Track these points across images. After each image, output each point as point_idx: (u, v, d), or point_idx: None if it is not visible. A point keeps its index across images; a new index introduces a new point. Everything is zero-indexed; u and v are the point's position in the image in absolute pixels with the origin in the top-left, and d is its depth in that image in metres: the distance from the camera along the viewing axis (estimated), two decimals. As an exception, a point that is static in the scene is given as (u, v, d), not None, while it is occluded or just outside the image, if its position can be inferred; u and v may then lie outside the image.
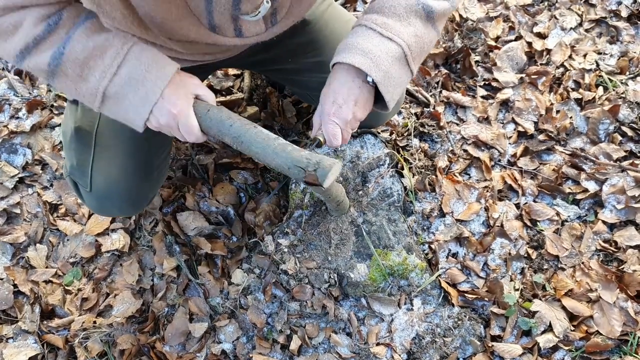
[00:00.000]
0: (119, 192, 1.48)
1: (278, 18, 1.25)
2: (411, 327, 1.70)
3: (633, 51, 2.15)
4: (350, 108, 1.20)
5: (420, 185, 1.91)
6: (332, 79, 1.22)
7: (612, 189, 1.86)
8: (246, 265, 1.82)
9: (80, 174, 1.49)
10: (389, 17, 1.17)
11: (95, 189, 1.47)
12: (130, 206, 1.56)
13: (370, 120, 1.40)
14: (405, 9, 1.18)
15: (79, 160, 1.48)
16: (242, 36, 1.23)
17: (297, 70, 1.60)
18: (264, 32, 1.26)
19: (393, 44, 1.17)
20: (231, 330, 1.75)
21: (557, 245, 1.81)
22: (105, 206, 1.54)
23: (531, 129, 2.01)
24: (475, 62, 2.16)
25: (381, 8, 1.19)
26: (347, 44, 1.19)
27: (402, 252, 1.73)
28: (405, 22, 1.17)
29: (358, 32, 1.19)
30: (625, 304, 1.67)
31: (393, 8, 1.17)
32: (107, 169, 1.43)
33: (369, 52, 1.15)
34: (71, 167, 1.51)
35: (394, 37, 1.17)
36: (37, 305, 1.84)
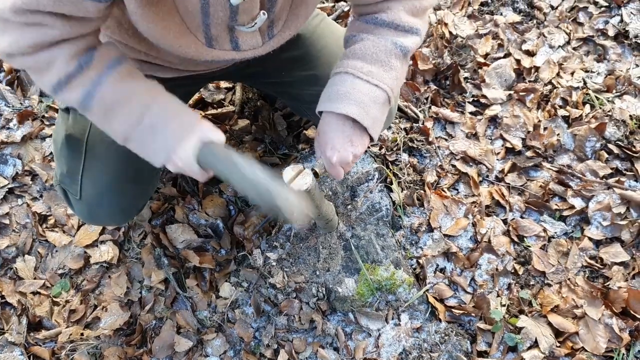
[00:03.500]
0: (109, 200, 1.47)
1: (275, 31, 1.27)
2: (398, 342, 1.70)
3: (620, 70, 2.18)
4: (348, 150, 1.27)
5: (409, 200, 1.92)
6: (325, 127, 1.29)
7: (598, 205, 1.88)
8: (234, 279, 1.82)
9: (70, 182, 1.48)
10: (372, 64, 1.25)
11: (85, 196, 1.47)
12: (120, 214, 1.55)
13: None
14: (386, 54, 1.25)
15: (69, 168, 1.48)
16: (239, 49, 1.26)
17: (290, 84, 1.62)
18: (261, 46, 1.28)
19: (379, 91, 1.25)
20: (218, 344, 1.75)
21: (544, 262, 1.82)
22: (95, 214, 1.52)
23: (519, 146, 2.03)
24: (464, 78, 2.18)
25: (364, 55, 1.26)
26: (337, 93, 1.26)
27: (390, 267, 1.75)
28: (387, 67, 1.26)
29: (346, 81, 1.26)
30: (611, 320, 1.69)
31: (375, 55, 1.25)
32: (97, 176, 1.43)
33: (360, 101, 1.23)
34: (61, 175, 1.50)
35: (380, 84, 1.25)
36: (24, 317, 1.83)
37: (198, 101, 2.16)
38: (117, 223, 1.71)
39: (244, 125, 2.10)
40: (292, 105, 1.88)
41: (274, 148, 2.06)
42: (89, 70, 1.13)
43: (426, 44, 2.27)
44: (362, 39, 1.28)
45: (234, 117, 2.12)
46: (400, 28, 1.27)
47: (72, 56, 1.11)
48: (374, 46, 1.26)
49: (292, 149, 2.06)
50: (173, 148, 1.16)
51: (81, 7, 1.02)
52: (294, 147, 2.07)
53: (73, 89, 1.14)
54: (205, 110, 2.14)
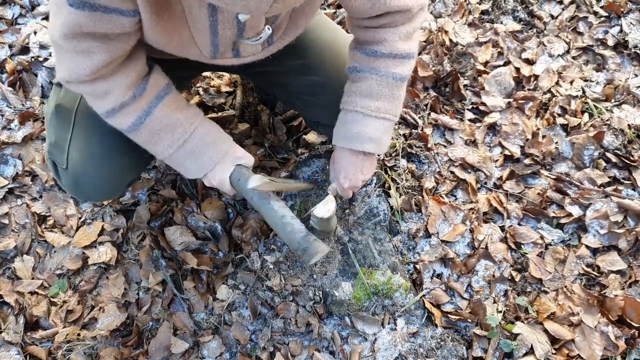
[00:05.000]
0: (94, 170, 1.48)
1: (274, 39, 1.34)
2: (394, 346, 1.70)
3: (618, 79, 2.19)
4: (359, 178, 1.55)
5: (407, 205, 1.93)
6: (341, 159, 1.54)
7: (596, 214, 1.89)
8: (231, 281, 1.83)
9: (57, 151, 1.49)
10: (379, 100, 1.43)
11: (72, 165, 1.48)
12: (105, 186, 1.55)
13: None
14: (389, 88, 1.43)
15: (58, 138, 1.49)
16: (240, 56, 1.36)
17: (281, 73, 1.64)
18: (260, 52, 1.37)
19: (388, 122, 1.47)
20: (215, 346, 1.75)
21: (541, 269, 1.83)
22: (80, 184, 1.52)
23: (517, 153, 2.04)
24: (464, 85, 2.19)
25: (370, 93, 1.43)
26: (352, 132, 1.46)
27: (387, 272, 1.75)
28: (391, 99, 1.44)
29: (359, 120, 1.45)
30: (607, 328, 1.69)
31: (380, 92, 1.42)
32: (84, 146, 1.43)
33: (374, 138, 1.46)
34: (49, 145, 1.52)
35: (387, 116, 1.45)
36: (22, 317, 1.83)
37: (199, 104, 2.17)
38: (102, 196, 1.67)
39: (244, 129, 2.11)
40: (283, 97, 1.89)
41: (273, 152, 2.07)
42: (141, 99, 1.29)
43: (426, 51, 2.28)
44: (366, 77, 1.43)
45: (234, 121, 2.13)
46: (398, 57, 1.41)
47: (128, 87, 1.26)
48: (378, 85, 1.42)
49: (291, 153, 2.07)
50: (210, 169, 1.42)
51: (117, 23, 1.12)
52: (294, 152, 2.07)
53: (125, 116, 1.31)
54: (206, 114, 2.15)
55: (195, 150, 1.39)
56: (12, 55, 2.32)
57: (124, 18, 1.11)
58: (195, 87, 2.21)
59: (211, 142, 1.40)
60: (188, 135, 1.36)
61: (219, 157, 1.41)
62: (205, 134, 1.40)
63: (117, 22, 1.11)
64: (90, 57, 1.17)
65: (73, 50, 1.16)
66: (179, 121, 1.35)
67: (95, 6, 1.06)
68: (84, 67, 1.19)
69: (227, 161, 1.43)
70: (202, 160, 1.41)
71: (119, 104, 1.28)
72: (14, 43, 2.35)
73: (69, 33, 1.12)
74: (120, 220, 1.97)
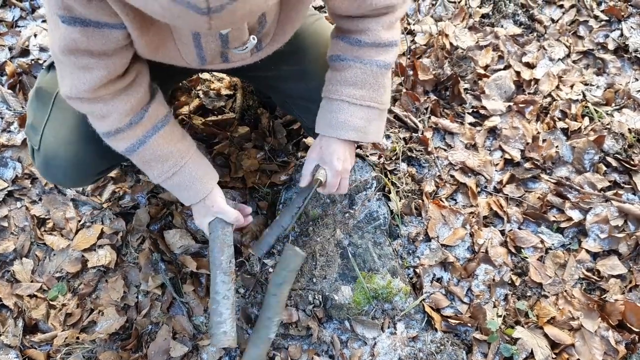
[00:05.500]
0: (64, 154, 1.47)
1: (263, 45, 1.35)
2: (394, 351, 1.70)
3: (619, 83, 2.19)
4: (349, 161, 1.52)
5: (407, 209, 1.92)
6: (328, 147, 1.48)
7: (596, 218, 1.88)
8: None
9: (33, 133, 1.50)
10: (363, 88, 1.41)
11: (43, 147, 1.48)
12: (75, 172, 1.54)
13: None
14: (374, 77, 1.41)
15: (35, 119, 1.50)
16: (229, 62, 1.37)
17: (278, 77, 1.64)
18: (250, 57, 1.38)
19: (374, 110, 1.44)
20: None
21: (541, 273, 1.82)
22: (50, 167, 1.52)
23: (518, 157, 2.04)
24: (464, 89, 2.19)
25: (355, 82, 1.41)
26: (337, 121, 1.43)
27: (386, 276, 1.75)
28: (376, 87, 1.42)
29: (343, 108, 1.43)
30: (607, 333, 1.69)
31: (364, 80, 1.41)
32: (57, 128, 1.43)
33: (358, 127, 1.43)
34: (27, 126, 1.53)
35: (372, 104, 1.43)
36: (21, 320, 1.83)
37: (199, 107, 2.17)
38: (71, 182, 1.66)
39: (244, 133, 2.11)
40: (279, 101, 1.89)
41: (273, 155, 2.07)
42: (137, 127, 1.33)
43: (427, 55, 2.28)
44: (350, 66, 1.41)
45: (234, 124, 2.13)
46: (382, 45, 1.39)
47: (127, 114, 1.29)
48: (362, 73, 1.40)
49: (291, 156, 2.07)
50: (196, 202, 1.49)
51: (111, 37, 1.12)
52: (294, 155, 2.07)
53: (120, 140, 1.34)
54: (206, 117, 2.15)
55: (182, 184, 1.45)
56: (12, 57, 2.32)
57: (116, 31, 1.11)
58: (196, 90, 2.20)
59: (200, 176, 1.46)
60: (177, 169, 1.42)
61: (204, 194, 1.48)
62: (195, 169, 1.45)
63: (110, 36, 1.12)
64: (90, 72, 1.19)
65: (73, 66, 1.18)
66: (171, 154, 1.40)
67: (86, 22, 1.07)
68: (83, 81, 1.20)
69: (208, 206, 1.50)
70: (189, 194, 1.48)
71: (114, 129, 1.31)
72: (14, 45, 2.35)
73: (66, 49, 1.14)
74: (120, 224, 1.97)
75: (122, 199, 2.01)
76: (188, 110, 2.15)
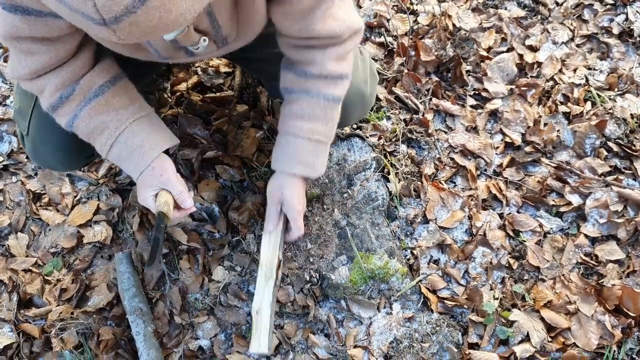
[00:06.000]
0: (53, 138, 1.47)
1: (228, 41, 1.32)
2: (389, 331, 1.70)
3: (623, 68, 2.17)
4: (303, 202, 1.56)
5: (406, 190, 1.91)
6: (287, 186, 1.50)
7: (596, 203, 1.87)
8: (227, 263, 1.82)
9: (21, 118, 1.51)
10: (311, 121, 1.41)
11: (32, 132, 1.49)
12: (65, 156, 1.55)
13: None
14: (323, 109, 1.41)
15: (22, 104, 1.50)
16: (195, 55, 1.33)
17: (263, 60, 1.62)
18: (217, 50, 1.35)
19: (321, 145, 1.46)
20: (209, 327, 1.75)
21: (539, 257, 1.81)
22: (39, 151, 1.53)
23: (518, 140, 2.02)
24: (466, 71, 2.17)
25: (303, 115, 1.41)
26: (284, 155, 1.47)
27: (383, 256, 1.74)
28: (325, 121, 1.43)
29: (290, 142, 1.44)
30: (603, 317, 1.68)
31: (312, 113, 1.40)
32: (45, 113, 1.40)
33: (305, 162, 1.45)
34: (14, 112, 1.54)
35: (321, 139, 1.44)
36: (15, 294, 1.82)
37: (197, 84, 2.14)
38: (62, 165, 1.66)
39: (243, 111, 2.08)
40: (266, 83, 1.88)
41: (272, 134, 2.05)
42: (69, 102, 1.29)
43: (429, 36, 2.25)
44: (298, 99, 1.41)
45: (232, 102, 2.11)
46: (330, 77, 1.38)
47: (57, 88, 1.26)
48: (309, 106, 1.40)
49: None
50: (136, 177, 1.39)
51: (54, 26, 1.11)
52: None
53: (59, 116, 1.32)
54: (204, 94, 2.13)
55: (121, 155, 1.36)
56: (8, 30, 2.29)
57: (59, 21, 1.09)
58: (194, 67, 2.18)
59: (138, 145, 1.35)
60: (114, 140, 1.34)
61: (144, 165, 1.36)
62: (132, 136, 1.35)
63: (53, 25, 1.10)
64: (32, 57, 1.18)
65: (16, 49, 1.18)
66: (105, 125, 1.33)
67: (28, 10, 1.06)
68: (26, 65, 1.20)
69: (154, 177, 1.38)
70: (130, 166, 1.39)
71: (49, 105, 1.29)
72: (11, 18, 2.32)
73: (8, 35, 1.13)
74: (116, 200, 1.96)
75: (118, 175, 2.00)
76: (186, 87, 2.12)
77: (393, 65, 2.17)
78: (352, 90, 1.53)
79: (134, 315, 1.72)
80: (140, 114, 1.37)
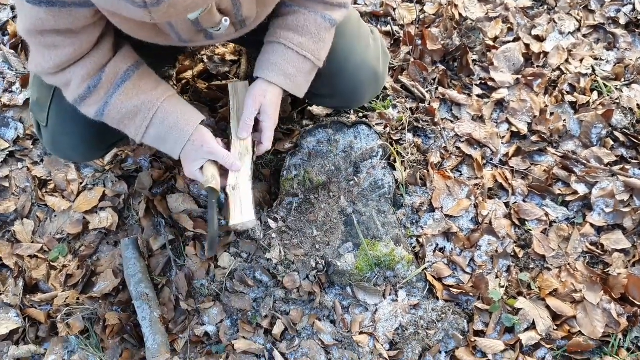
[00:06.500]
0: (72, 129, 1.48)
1: (247, 23, 1.33)
2: (395, 317, 1.70)
3: (629, 58, 2.16)
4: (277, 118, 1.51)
5: (412, 179, 1.91)
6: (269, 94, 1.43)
7: (602, 192, 1.87)
8: (233, 249, 1.82)
9: (39, 109, 1.50)
10: (303, 36, 1.39)
11: (51, 124, 1.49)
12: (83, 147, 1.55)
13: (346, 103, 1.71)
14: (316, 27, 1.39)
15: (40, 95, 1.50)
16: (213, 39, 1.35)
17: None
18: (235, 33, 1.36)
19: (308, 62, 1.41)
20: (215, 312, 1.75)
21: (544, 246, 1.81)
22: (58, 143, 1.53)
23: (524, 130, 2.02)
24: (473, 61, 2.16)
25: (296, 27, 1.39)
26: (269, 62, 1.41)
27: (390, 244, 1.74)
28: (316, 39, 1.40)
29: (277, 51, 1.40)
30: (609, 305, 1.68)
31: (306, 27, 1.38)
32: (65, 104, 1.40)
33: (288, 73, 1.41)
34: (32, 103, 1.53)
35: (308, 55, 1.40)
36: (21, 279, 1.82)
37: (203, 72, 2.14)
38: (81, 157, 1.68)
39: (249, 99, 2.08)
40: None
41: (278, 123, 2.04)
42: (97, 91, 1.29)
43: (436, 25, 2.25)
44: (294, 11, 1.39)
45: (238, 90, 2.10)
46: (329, 3, 1.39)
47: (83, 79, 1.26)
48: (305, 20, 1.38)
49: (296, 124, 2.04)
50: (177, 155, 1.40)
51: (79, 16, 1.11)
52: (298, 123, 2.05)
53: (87, 107, 1.32)
54: (210, 81, 2.13)
55: (159, 136, 1.37)
56: (14, 17, 2.29)
57: (83, 10, 1.10)
58: (200, 55, 2.17)
59: (174, 123, 1.36)
60: (149, 122, 1.34)
61: (184, 140, 1.37)
62: (166, 116, 1.36)
63: (77, 14, 1.11)
64: (56, 50, 1.19)
65: (39, 45, 1.18)
66: (138, 108, 1.33)
67: (52, 1, 1.06)
68: (50, 59, 1.21)
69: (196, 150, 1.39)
70: (170, 145, 1.39)
71: (78, 96, 1.29)
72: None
73: (32, 29, 1.14)
74: (122, 187, 1.96)
75: (124, 162, 2.00)
76: (192, 75, 2.12)
77: (399, 54, 2.17)
78: (366, 68, 1.56)
79: (140, 301, 1.72)
80: (169, 93, 1.39)
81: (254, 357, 1.68)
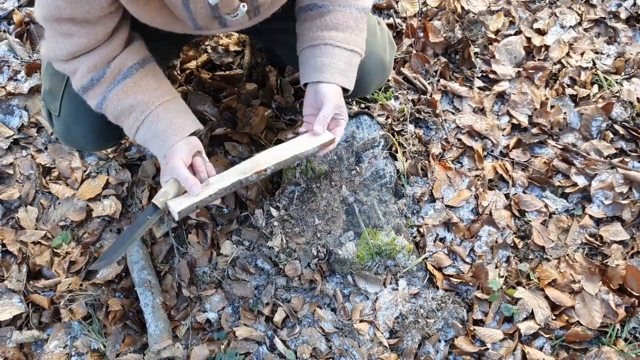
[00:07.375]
0: (84, 118, 1.48)
1: (261, 10, 1.34)
2: (395, 306, 1.72)
3: (630, 52, 2.18)
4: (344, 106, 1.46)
5: (413, 169, 1.92)
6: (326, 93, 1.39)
7: (601, 184, 1.88)
8: (235, 237, 1.83)
9: (51, 99, 1.51)
10: (345, 31, 1.40)
11: (64, 113, 1.50)
12: (95, 135, 1.55)
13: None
14: (354, 20, 1.41)
15: (53, 85, 1.51)
16: (227, 26, 1.35)
17: (286, 31, 1.61)
18: (248, 21, 1.36)
19: (355, 55, 1.43)
20: (217, 300, 1.76)
21: (544, 237, 1.83)
22: (71, 132, 1.54)
23: (525, 122, 2.04)
24: (475, 53, 2.18)
25: (337, 25, 1.40)
26: (324, 64, 1.39)
27: (390, 233, 1.75)
28: (357, 31, 1.42)
29: (328, 52, 1.39)
30: (607, 296, 1.70)
31: (346, 23, 1.40)
32: (77, 94, 1.40)
33: (343, 71, 1.40)
34: (44, 93, 1.54)
35: (355, 49, 1.42)
36: (25, 266, 1.84)
37: (206, 62, 2.15)
38: (93, 146, 1.67)
39: (252, 90, 2.09)
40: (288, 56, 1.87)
41: (280, 113, 2.06)
42: (100, 84, 1.30)
43: (438, 17, 2.26)
44: (329, 10, 1.40)
45: (242, 81, 2.12)
46: None
47: (89, 70, 1.27)
48: (342, 16, 1.39)
49: (298, 115, 2.06)
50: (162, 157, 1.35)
51: (95, 5, 1.12)
52: (300, 113, 2.06)
53: (89, 98, 1.34)
54: (214, 72, 2.14)
55: (146, 138, 1.35)
56: (19, 6, 2.30)
57: None
58: (204, 45, 2.19)
59: (161, 131, 1.32)
60: (140, 123, 1.33)
61: (165, 150, 1.32)
62: (156, 121, 1.32)
63: (94, 3, 1.12)
64: (71, 39, 1.20)
65: (55, 32, 1.20)
66: (132, 107, 1.32)
67: None
68: (64, 46, 1.22)
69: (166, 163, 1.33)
70: (153, 150, 1.36)
71: (81, 86, 1.31)
72: (22, -6, 2.33)
73: (49, 16, 1.15)
74: (126, 175, 1.97)
75: (128, 150, 2.01)
76: (196, 65, 2.13)
77: (402, 46, 2.18)
78: (373, 58, 1.57)
79: (142, 287, 1.74)
80: (167, 97, 1.36)
81: (255, 344, 1.70)
